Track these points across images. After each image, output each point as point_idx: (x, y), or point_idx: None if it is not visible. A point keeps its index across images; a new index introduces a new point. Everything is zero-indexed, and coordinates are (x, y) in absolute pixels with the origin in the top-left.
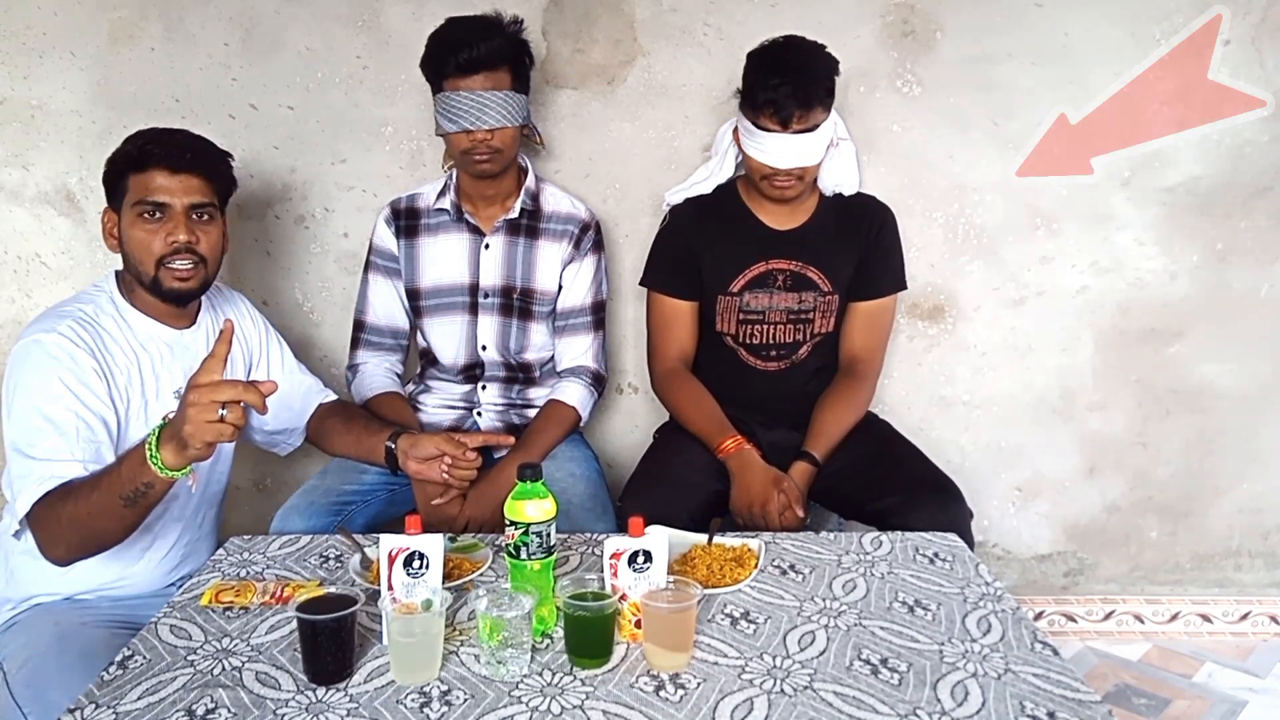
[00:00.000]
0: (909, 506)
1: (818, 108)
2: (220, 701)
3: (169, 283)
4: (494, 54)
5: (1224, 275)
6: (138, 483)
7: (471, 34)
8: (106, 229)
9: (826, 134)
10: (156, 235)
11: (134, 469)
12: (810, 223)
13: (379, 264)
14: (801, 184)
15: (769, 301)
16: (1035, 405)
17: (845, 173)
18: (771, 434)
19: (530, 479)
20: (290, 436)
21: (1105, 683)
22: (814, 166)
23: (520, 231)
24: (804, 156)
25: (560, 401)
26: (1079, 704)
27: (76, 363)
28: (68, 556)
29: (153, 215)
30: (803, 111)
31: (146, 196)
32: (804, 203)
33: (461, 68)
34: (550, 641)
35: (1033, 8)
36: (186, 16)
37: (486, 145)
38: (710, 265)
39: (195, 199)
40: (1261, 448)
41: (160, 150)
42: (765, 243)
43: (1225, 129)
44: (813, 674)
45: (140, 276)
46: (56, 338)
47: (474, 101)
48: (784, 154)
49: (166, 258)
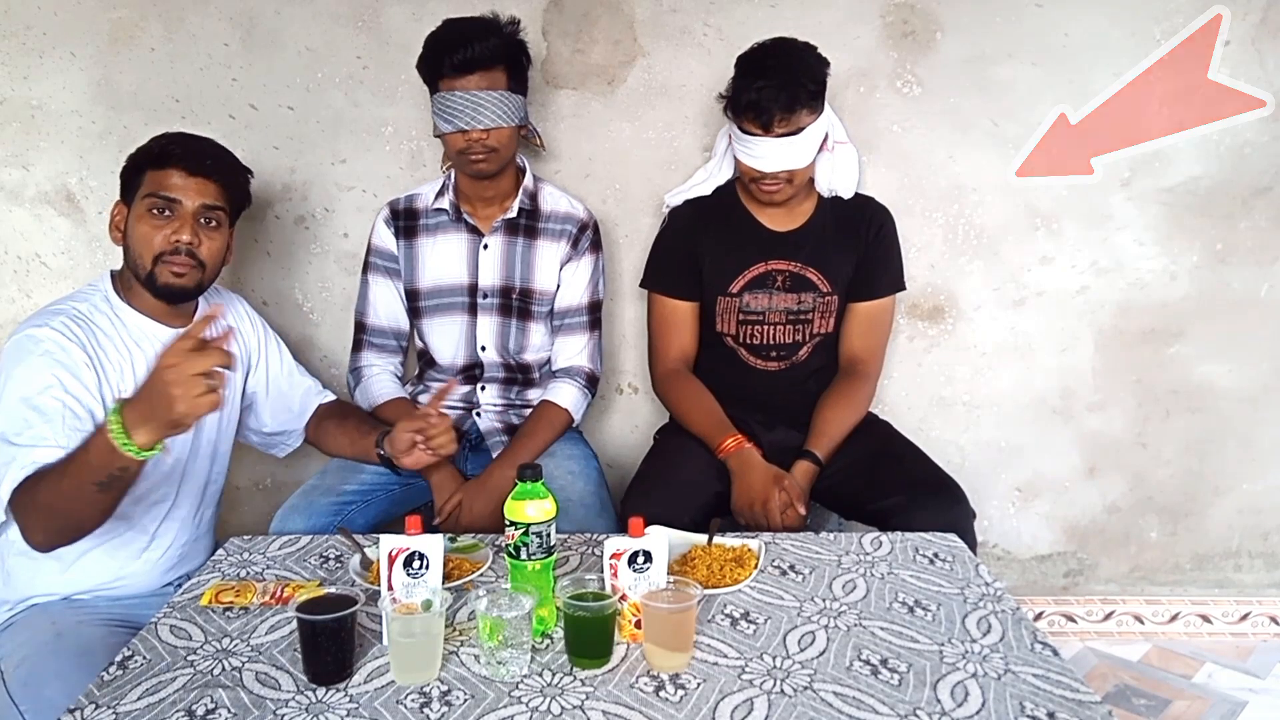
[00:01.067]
0: (912, 507)
1: (802, 110)
2: (220, 701)
3: (164, 277)
4: (489, 54)
5: (1224, 275)
6: (112, 468)
7: (467, 34)
8: (114, 221)
9: (814, 136)
10: (161, 231)
11: (104, 456)
12: (809, 224)
13: (379, 264)
14: (791, 187)
15: (768, 302)
16: (1035, 405)
17: (844, 176)
18: (772, 434)
19: (530, 479)
20: (289, 438)
21: (1105, 683)
22: (802, 170)
23: (519, 231)
24: (789, 160)
25: (552, 403)
26: (1079, 704)
27: (68, 354)
28: (47, 542)
29: (161, 212)
30: (785, 114)
31: (159, 191)
32: (802, 204)
33: (457, 68)
34: (550, 641)
35: (1033, 8)
36: (186, 16)
37: (482, 145)
38: (710, 266)
39: (206, 201)
40: (1261, 448)
41: (181, 151)
42: (764, 244)
43: (1225, 129)
44: (813, 674)
45: (137, 270)
46: (49, 332)
47: (469, 101)
48: (769, 158)
49: (166, 254)
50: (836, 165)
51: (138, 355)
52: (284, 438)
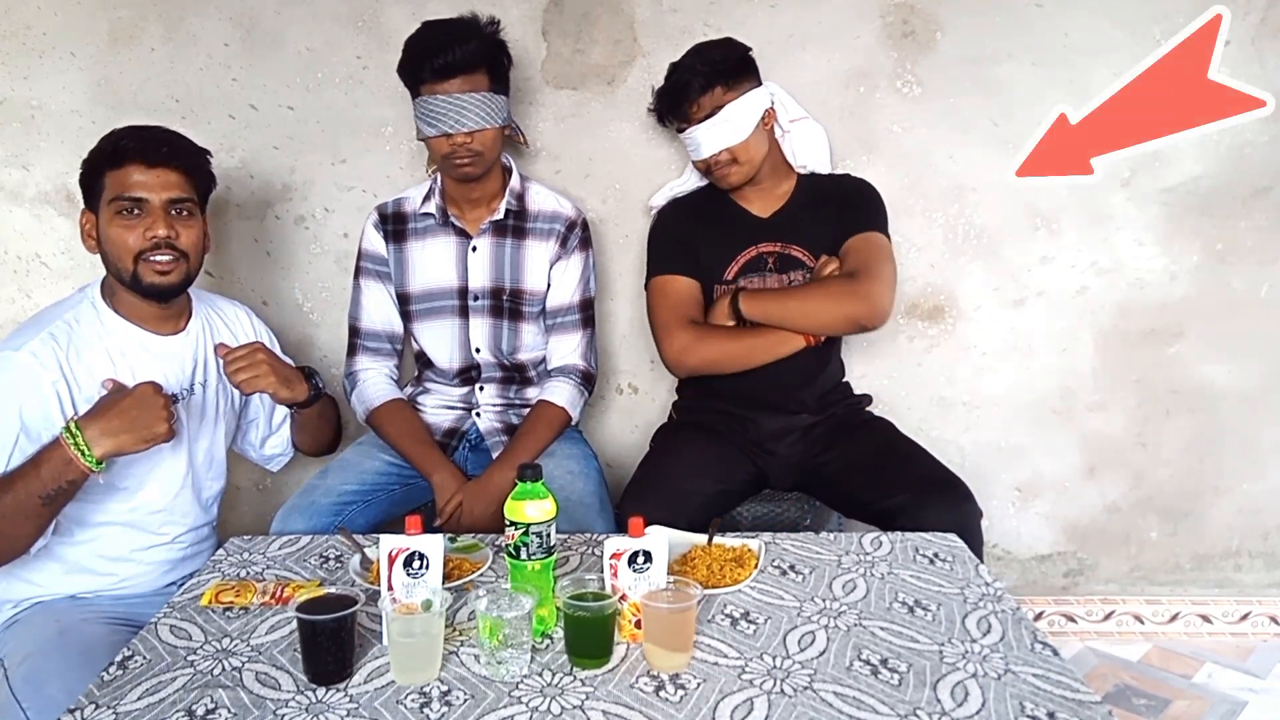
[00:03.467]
0: (919, 505)
1: (712, 90)
2: (220, 702)
3: (149, 277)
4: (470, 57)
5: (1224, 275)
6: (61, 481)
7: (446, 38)
8: (85, 230)
9: (743, 111)
10: (134, 230)
11: (56, 469)
12: (789, 204)
13: (370, 269)
14: (741, 166)
15: (761, 285)
16: (1035, 405)
17: (812, 150)
18: (767, 418)
19: (530, 479)
20: (287, 449)
21: (1105, 683)
22: (742, 145)
23: (507, 233)
24: (722, 139)
25: (549, 402)
26: (1079, 704)
27: (38, 386)
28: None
29: (130, 212)
30: (694, 100)
31: (123, 192)
32: (779, 186)
33: (438, 72)
34: (550, 641)
35: (1033, 8)
36: (186, 16)
37: (467, 149)
38: (704, 254)
39: (173, 194)
40: (1261, 448)
41: (135, 145)
42: (752, 229)
43: (1225, 129)
44: (813, 674)
45: (120, 275)
46: (25, 357)
47: (451, 105)
48: (704, 143)
49: (145, 252)
50: (802, 142)
51: (121, 365)
52: (280, 449)
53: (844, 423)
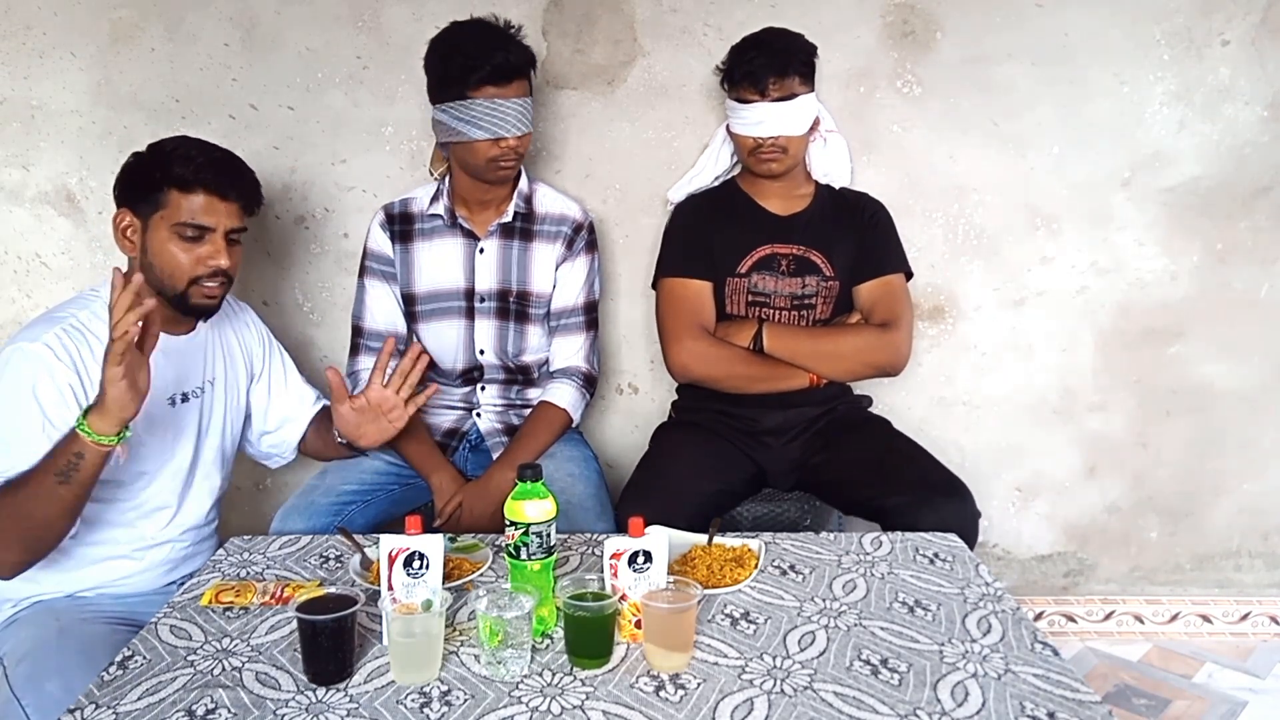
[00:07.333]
0: (919, 506)
1: (794, 77)
2: (220, 702)
3: (197, 299)
4: (522, 61)
5: (1224, 275)
6: (69, 454)
7: (498, 41)
8: (123, 230)
9: (807, 107)
10: (192, 253)
11: (63, 443)
12: (809, 208)
13: (376, 269)
14: (787, 158)
15: (774, 285)
16: (1035, 405)
17: (836, 164)
18: (767, 413)
19: (530, 479)
20: (283, 449)
21: (1105, 683)
22: (798, 139)
23: (514, 234)
24: (785, 125)
25: (550, 404)
26: (1079, 704)
27: (53, 377)
28: (15, 559)
29: (194, 237)
30: (778, 78)
31: (192, 220)
32: (800, 189)
33: (498, 76)
34: (550, 641)
35: (1033, 8)
36: (186, 16)
37: (514, 152)
38: (718, 248)
39: (234, 224)
40: (1261, 448)
41: (211, 176)
42: (769, 228)
43: (1225, 129)
44: (813, 674)
45: (166, 290)
46: (40, 348)
47: (510, 109)
48: (765, 122)
49: (202, 278)
50: (829, 154)
51: None
52: (279, 449)
53: (844, 421)
